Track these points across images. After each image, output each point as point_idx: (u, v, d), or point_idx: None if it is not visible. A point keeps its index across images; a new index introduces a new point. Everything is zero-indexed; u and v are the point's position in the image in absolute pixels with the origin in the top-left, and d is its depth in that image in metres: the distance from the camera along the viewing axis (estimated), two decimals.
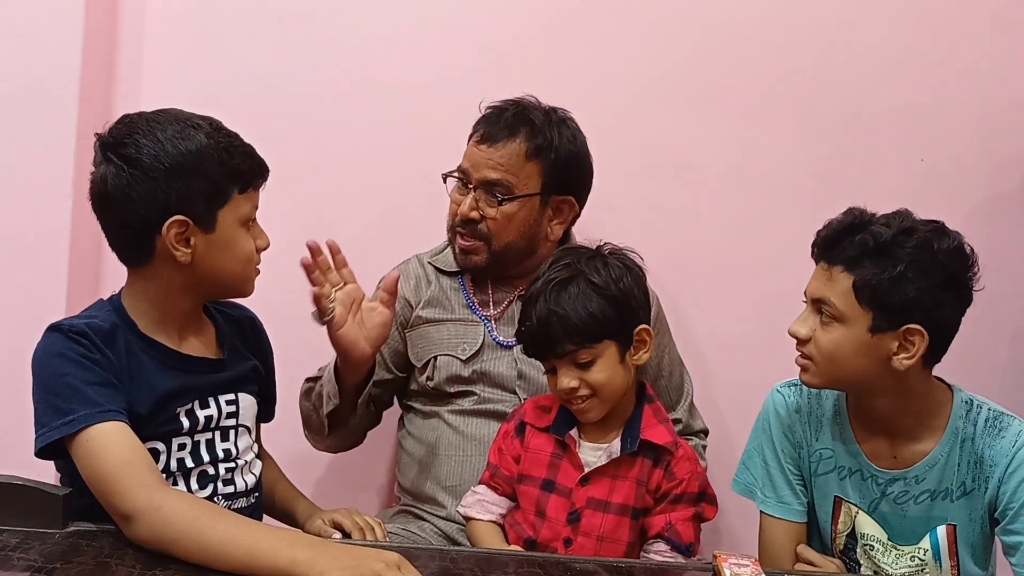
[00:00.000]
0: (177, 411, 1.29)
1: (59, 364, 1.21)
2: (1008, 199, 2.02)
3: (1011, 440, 1.35)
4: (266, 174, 1.33)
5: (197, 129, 1.26)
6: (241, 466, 1.37)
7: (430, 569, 1.11)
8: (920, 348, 1.31)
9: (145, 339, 1.29)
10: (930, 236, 1.31)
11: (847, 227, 1.34)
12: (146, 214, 1.24)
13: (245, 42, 2.02)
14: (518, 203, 1.67)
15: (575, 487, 1.39)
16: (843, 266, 1.32)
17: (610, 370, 1.37)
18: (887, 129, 2.01)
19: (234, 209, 1.28)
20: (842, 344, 1.33)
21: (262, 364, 1.47)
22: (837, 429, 1.46)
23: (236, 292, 1.36)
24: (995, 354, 2.02)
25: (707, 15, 2.01)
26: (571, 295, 1.35)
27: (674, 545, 1.38)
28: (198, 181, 1.24)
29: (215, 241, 1.27)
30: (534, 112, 1.70)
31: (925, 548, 1.41)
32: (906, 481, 1.40)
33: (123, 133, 1.26)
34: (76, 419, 1.17)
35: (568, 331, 1.34)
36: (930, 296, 1.29)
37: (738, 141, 2.02)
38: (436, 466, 1.70)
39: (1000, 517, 1.37)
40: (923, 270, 1.29)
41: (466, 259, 1.71)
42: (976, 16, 2.00)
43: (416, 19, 2.02)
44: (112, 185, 1.24)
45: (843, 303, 1.32)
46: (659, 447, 1.39)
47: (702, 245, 2.01)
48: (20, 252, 1.91)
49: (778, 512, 1.50)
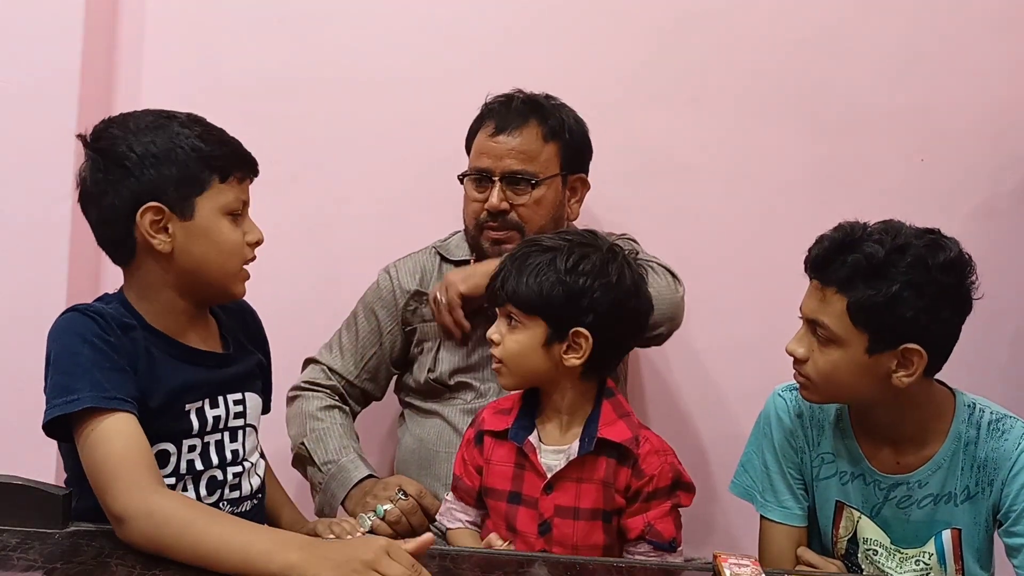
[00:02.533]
0: (187, 407, 1.29)
1: (73, 343, 1.21)
2: (1008, 199, 2.02)
3: (1014, 443, 1.34)
4: (251, 166, 1.32)
5: (171, 119, 1.27)
6: (248, 468, 1.37)
7: (430, 569, 1.10)
8: (919, 366, 1.29)
9: (153, 331, 1.29)
10: (924, 252, 1.27)
11: (839, 245, 1.30)
12: (121, 205, 1.24)
13: (245, 42, 2.02)
14: (545, 186, 1.69)
15: (540, 496, 1.35)
16: (836, 287, 1.29)
17: (526, 345, 1.34)
18: (887, 129, 2.01)
19: (213, 197, 1.27)
20: (839, 366, 1.31)
21: (263, 357, 1.47)
22: (839, 434, 1.45)
23: (226, 291, 1.33)
24: (996, 354, 2.02)
25: (707, 15, 2.01)
26: (535, 262, 1.34)
27: (657, 546, 1.34)
28: (169, 167, 1.24)
29: (195, 230, 1.26)
30: (537, 97, 1.73)
31: (930, 552, 1.40)
32: (909, 486, 1.39)
33: (100, 129, 1.28)
34: (80, 399, 1.16)
35: (508, 287, 1.35)
36: (927, 315, 1.26)
37: (738, 141, 2.02)
38: (435, 464, 1.70)
39: (1003, 519, 1.36)
40: (918, 290, 1.25)
41: (499, 249, 1.70)
42: (976, 16, 2.00)
43: (416, 19, 2.02)
44: (91, 180, 1.26)
45: (838, 326, 1.29)
46: (621, 445, 1.34)
47: (702, 245, 2.01)
48: (20, 252, 1.91)
49: (779, 516, 1.49)
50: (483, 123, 1.73)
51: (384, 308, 1.79)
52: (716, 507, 2.01)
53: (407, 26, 2.02)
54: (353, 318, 1.82)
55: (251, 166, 1.32)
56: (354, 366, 1.79)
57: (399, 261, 1.83)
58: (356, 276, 1.88)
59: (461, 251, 1.79)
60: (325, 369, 1.80)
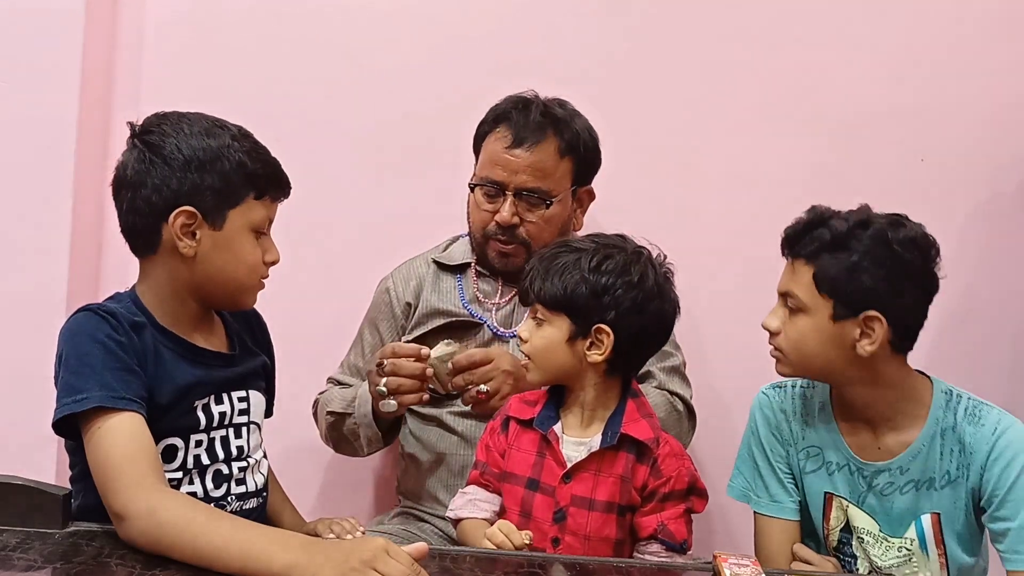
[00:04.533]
0: (195, 404, 1.31)
1: (84, 344, 1.22)
2: (1008, 199, 2.02)
3: (991, 428, 1.38)
4: (286, 189, 1.36)
5: (224, 130, 1.30)
6: (252, 465, 1.39)
7: (430, 569, 1.11)
8: (880, 334, 1.36)
9: (163, 330, 1.31)
10: (885, 227, 1.36)
11: (808, 223, 1.41)
12: (157, 201, 1.26)
13: (245, 42, 2.02)
14: (558, 204, 1.68)
15: (558, 484, 1.39)
16: (805, 259, 1.39)
17: (551, 341, 1.39)
18: (887, 129, 2.01)
19: (245, 212, 1.30)
20: (807, 334, 1.39)
21: (268, 359, 1.49)
22: (823, 424, 1.49)
23: (236, 301, 1.37)
24: (996, 354, 2.02)
25: (707, 15, 2.02)
26: (563, 261, 1.39)
27: (668, 546, 1.36)
28: (212, 176, 1.27)
29: (221, 240, 1.29)
30: (554, 107, 1.70)
31: (912, 538, 1.44)
32: (891, 472, 1.43)
33: (153, 123, 1.30)
34: (88, 399, 1.18)
35: (535, 285, 1.40)
36: (886, 284, 1.35)
37: (738, 141, 2.02)
38: (438, 468, 1.71)
39: (986, 505, 1.39)
40: (877, 260, 1.35)
41: (505, 262, 1.71)
42: (976, 16, 2.00)
43: (417, 19, 2.02)
44: (132, 170, 1.28)
45: (806, 294, 1.38)
46: (641, 443, 1.38)
47: (702, 245, 2.00)
48: (20, 252, 1.91)
49: (771, 511, 1.52)
50: (496, 128, 1.69)
51: (384, 321, 1.80)
52: (716, 507, 2.00)
53: (409, 27, 2.02)
54: (360, 335, 1.84)
55: (286, 189, 1.36)
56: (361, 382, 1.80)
57: (395, 271, 1.83)
58: (356, 276, 1.88)
59: (462, 256, 1.79)
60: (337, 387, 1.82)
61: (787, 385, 1.54)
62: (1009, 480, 1.35)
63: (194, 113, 1.31)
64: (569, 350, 1.39)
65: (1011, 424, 1.38)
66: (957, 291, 2.01)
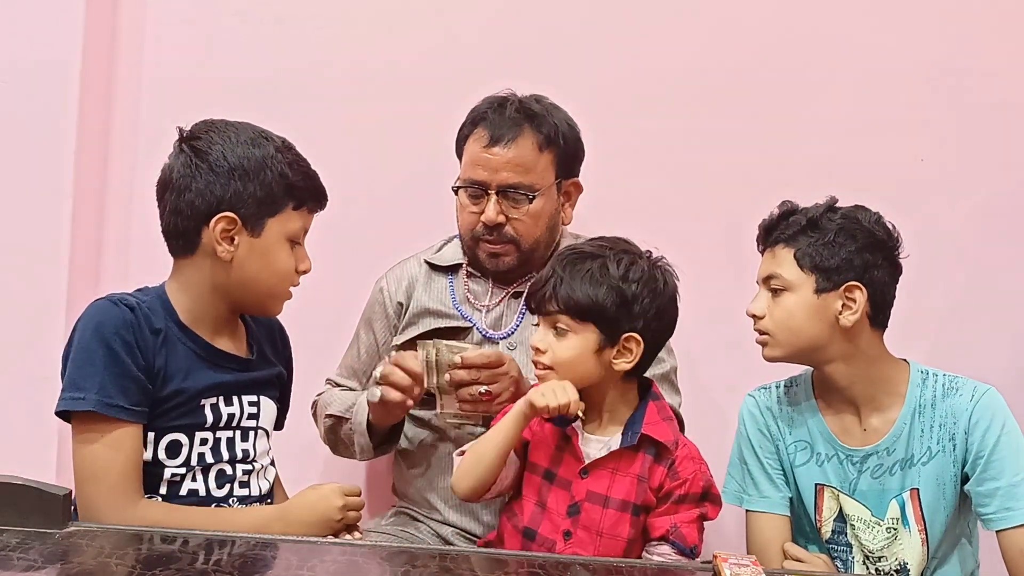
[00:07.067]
0: (203, 403, 1.33)
1: (92, 341, 1.25)
2: (1008, 199, 2.02)
3: (968, 395, 1.46)
4: (324, 201, 1.40)
5: (268, 140, 1.34)
6: (257, 470, 1.40)
7: (430, 569, 1.11)
8: (861, 304, 1.45)
9: (183, 328, 1.33)
10: (853, 210, 1.50)
11: (781, 214, 1.52)
12: (200, 205, 1.30)
13: (245, 42, 2.02)
14: (542, 198, 1.67)
15: (575, 480, 1.39)
16: (784, 243, 1.49)
17: (578, 353, 1.36)
18: (887, 129, 2.01)
19: (283, 222, 1.34)
20: (793, 310, 1.47)
21: (286, 372, 1.51)
22: (808, 416, 1.54)
23: (265, 308, 1.41)
24: (996, 354, 2.02)
25: (707, 15, 2.01)
26: (582, 269, 1.37)
27: (680, 549, 1.37)
28: (255, 185, 1.31)
29: (258, 247, 1.33)
30: (530, 103, 1.70)
31: (895, 516, 1.48)
32: (879, 455, 1.48)
33: (201, 129, 1.34)
34: (84, 400, 1.23)
35: (559, 295, 1.37)
36: (861, 256, 1.46)
37: (738, 141, 2.02)
38: (431, 472, 1.71)
39: (970, 471, 1.44)
40: (851, 235, 1.46)
41: (496, 262, 1.70)
42: (977, 16, 2.00)
43: (417, 19, 2.02)
44: (178, 174, 1.31)
45: (789, 273, 1.47)
46: (660, 444, 1.39)
47: (702, 245, 2.00)
48: (20, 252, 1.91)
49: (761, 506, 1.56)
50: (474, 130, 1.69)
51: (379, 321, 1.80)
52: None
53: (409, 27, 2.02)
54: (356, 336, 1.84)
55: (323, 201, 1.41)
56: (357, 384, 1.80)
57: (389, 271, 1.82)
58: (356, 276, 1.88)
59: (453, 257, 1.78)
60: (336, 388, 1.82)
61: (771, 386, 1.60)
62: (991, 441, 1.42)
63: (240, 122, 1.36)
64: (596, 359, 1.37)
65: (987, 389, 1.46)
66: (957, 291, 2.02)
